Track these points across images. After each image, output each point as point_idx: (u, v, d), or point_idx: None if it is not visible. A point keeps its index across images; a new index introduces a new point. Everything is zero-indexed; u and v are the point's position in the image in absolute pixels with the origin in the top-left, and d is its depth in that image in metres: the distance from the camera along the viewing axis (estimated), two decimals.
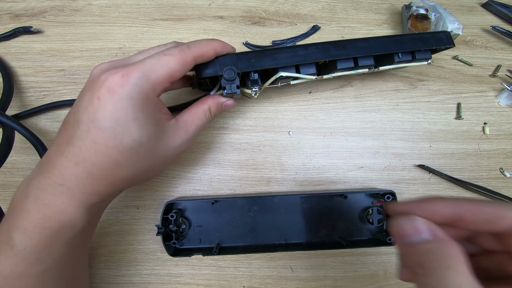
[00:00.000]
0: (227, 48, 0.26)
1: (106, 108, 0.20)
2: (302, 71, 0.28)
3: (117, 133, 0.21)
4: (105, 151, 0.21)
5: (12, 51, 0.35)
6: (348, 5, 0.38)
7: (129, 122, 0.21)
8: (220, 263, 0.33)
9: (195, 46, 0.24)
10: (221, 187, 0.34)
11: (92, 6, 0.36)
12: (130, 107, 0.21)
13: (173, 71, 0.23)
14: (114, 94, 0.21)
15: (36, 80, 0.34)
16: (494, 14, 0.38)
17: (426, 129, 0.35)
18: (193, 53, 0.23)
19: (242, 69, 0.26)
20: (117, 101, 0.21)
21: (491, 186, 0.34)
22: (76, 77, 0.35)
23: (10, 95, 0.33)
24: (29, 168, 0.33)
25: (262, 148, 0.34)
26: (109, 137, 0.21)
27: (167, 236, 0.31)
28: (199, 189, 0.34)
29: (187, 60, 0.23)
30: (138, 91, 0.21)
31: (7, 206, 0.33)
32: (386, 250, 0.33)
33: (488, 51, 0.37)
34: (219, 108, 0.28)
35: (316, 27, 0.36)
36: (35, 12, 0.36)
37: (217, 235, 0.32)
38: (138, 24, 0.36)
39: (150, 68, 0.22)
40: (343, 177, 0.34)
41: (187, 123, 0.26)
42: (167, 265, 0.33)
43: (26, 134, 0.29)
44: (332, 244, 0.32)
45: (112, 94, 0.21)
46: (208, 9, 0.37)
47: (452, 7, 0.38)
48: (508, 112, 0.36)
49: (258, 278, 0.33)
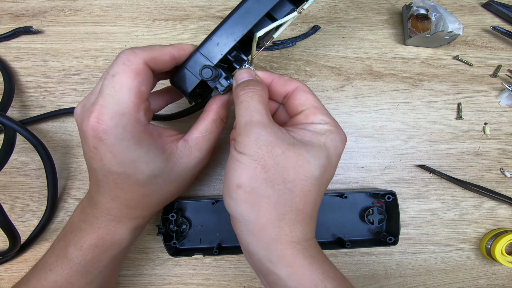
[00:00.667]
0: (185, 48, 0.23)
1: (106, 156, 0.20)
2: (277, 15, 0.23)
3: (129, 174, 0.22)
4: (128, 188, 0.22)
5: (13, 51, 0.35)
6: (349, 5, 0.38)
7: (134, 162, 0.21)
8: (221, 263, 0.33)
9: (143, 50, 0.21)
10: (221, 187, 0.34)
11: (93, 6, 0.36)
12: (126, 148, 0.20)
13: (136, 91, 0.20)
14: (103, 142, 0.20)
15: (36, 80, 0.34)
16: (495, 14, 0.38)
17: (427, 129, 0.35)
18: (141, 58, 0.20)
19: (215, 58, 0.22)
20: (111, 148, 0.20)
21: (492, 186, 0.34)
22: (76, 77, 0.35)
23: (11, 95, 0.33)
24: (30, 168, 0.33)
25: None
26: (125, 178, 0.22)
27: (168, 236, 0.31)
28: (199, 189, 0.34)
29: (137, 68, 0.20)
30: (123, 131, 0.20)
31: (7, 206, 0.33)
32: (387, 250, 0.33)
33: (488, 51, 0.37)
34: (227, 109, 0.26)
35: (316, 27, 0.36)
36: (35, 12, 0.36)
37: (218, 235, 0.32)
38: (139, 24, 0.36)
39: (112, 100, 0.20)
40: (343, 177, 0.34)
41: (198, 140, 0.24)
42: (167, 265, 0.33)
43: (27, 135, 0.29)
44: (332, 244, 0.32)
45: (102, 142, 0.20)
46: (208, 9, 0.37)
47: (452, 7, 0.38)
48: (508, 112, 0.36)
49: (258, 278, 0.33)
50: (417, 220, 0.34)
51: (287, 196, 0.20)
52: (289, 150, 0.20)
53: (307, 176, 0.20)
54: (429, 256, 0.34)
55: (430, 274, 0.33)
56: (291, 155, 0.20)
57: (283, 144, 0.20)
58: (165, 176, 0.23)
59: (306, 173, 0.20)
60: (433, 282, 0.33)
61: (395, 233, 0.31)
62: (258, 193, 0.20)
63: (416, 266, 0.33)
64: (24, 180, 0.33)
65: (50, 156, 0.31)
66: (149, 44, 0.35)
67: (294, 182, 0.20)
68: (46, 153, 0.30)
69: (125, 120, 0.20)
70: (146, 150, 0.21)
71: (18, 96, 0.34)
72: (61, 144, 0.34)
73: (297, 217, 0.20)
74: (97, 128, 0.20)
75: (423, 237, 0.34)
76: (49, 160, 0.31)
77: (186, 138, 0.24)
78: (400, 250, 0.33)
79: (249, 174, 0.20)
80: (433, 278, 0.33)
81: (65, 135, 0.34)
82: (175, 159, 0.23)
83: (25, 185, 0.33)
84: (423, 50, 0.36)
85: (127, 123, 0.20)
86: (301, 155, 0.20)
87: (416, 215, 0.34)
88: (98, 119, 0.19)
